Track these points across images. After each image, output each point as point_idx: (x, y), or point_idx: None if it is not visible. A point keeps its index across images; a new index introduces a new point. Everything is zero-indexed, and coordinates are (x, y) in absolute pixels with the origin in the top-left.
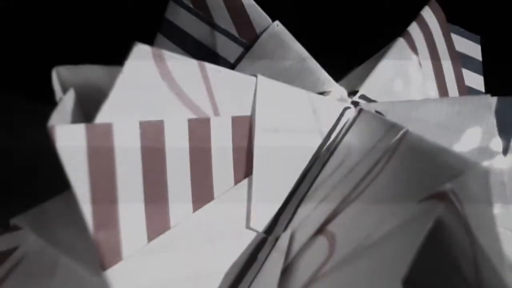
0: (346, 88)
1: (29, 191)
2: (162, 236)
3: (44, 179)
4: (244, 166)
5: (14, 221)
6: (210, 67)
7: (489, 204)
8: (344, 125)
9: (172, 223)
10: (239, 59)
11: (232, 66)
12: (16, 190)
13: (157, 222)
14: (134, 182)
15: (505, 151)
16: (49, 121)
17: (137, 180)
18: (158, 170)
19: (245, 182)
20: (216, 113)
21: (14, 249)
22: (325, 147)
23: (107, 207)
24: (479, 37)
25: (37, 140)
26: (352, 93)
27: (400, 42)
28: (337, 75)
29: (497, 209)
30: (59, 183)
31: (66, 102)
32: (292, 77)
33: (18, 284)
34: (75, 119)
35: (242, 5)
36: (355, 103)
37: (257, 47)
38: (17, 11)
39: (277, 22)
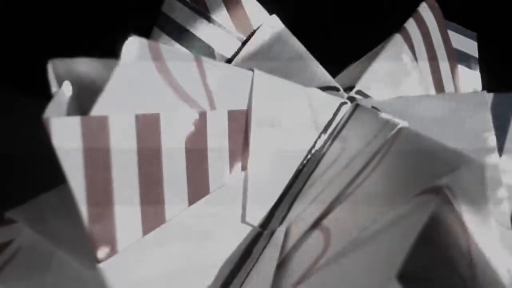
0: (342, 83)
1: (24, 183)
2: (157, 230)
3: (39, 172)
4: (240, 160)
5: (9, 214)
6: (206, 61)
7: (485, 199)
8: (340, 120)
9: (167, 216)
10: (235, 54)
11: (228, 61)
12: (12, 183)
13: (153, 215)
14: (130, 175)
15: (500, 147)
16: (44, 114)
17: (133, 173)
18: (154, 164)
19: (241, 176)
20: (213, 107)
21: (9, 243)
22: (321, 142)
23: (103, 200)
24: (475, 34)
25: (35, 134)
26: (348, 88)
27: (397, 38)
28: (335, 70)
29: (492, 205)
30: (54, 176)
31: (62, 94)
32: (289, 71)
33: (13, 277)
34: (71, 112)
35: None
36: (352, 99)
37: (253, 41)
38: (16, 6)
39: (274, 17)
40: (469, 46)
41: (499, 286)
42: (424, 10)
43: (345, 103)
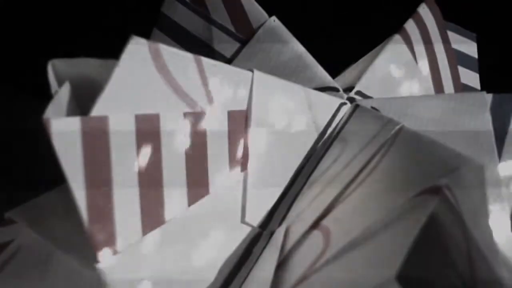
0: (342, 84)
1: (24, 183)
2: (156, 230)
3: (39, 172)
4: (240, 161)
5: (9, 214)
6: (206, 61)
7: (484, 199)
8: (340, 120)
9: (167, 216)
10: (235, 54)
11: (228, 61)
12: (12, 183)
13: (152, 215)
14: (129, 175)
15: (499, 148)
16: (44, 114)
17: (132, 174)
18: (153, 164)
19: (240, 176)
20: (212, 107)
21: (8, 243)
22: (320, 143)
23: (102, 201)
24: (475, 34)
25: (35, 134)
26: (348, 89)
27: (397, 38)
28: (334, 70)
29: (491, 205)
30: (54, 176)
31: (62, 95)
32: (289, 72)
33: (13, 277)
34: (70, 112)
35: (239, 0)
36: (351, 99)
37: (253, 42)
38: (17, 7)
39: (273, 18)
40: (469, 46)
41: (499, 286)
42: (423, 10)
43: (344, 103)
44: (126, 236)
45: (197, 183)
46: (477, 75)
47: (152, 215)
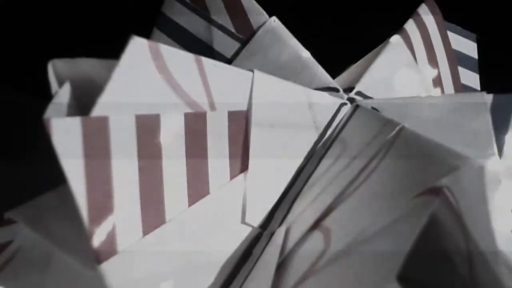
0: (342, 84)
1: (24, 183)
2: (157, 230)
3: (39, 172)
4: (240, 161)
5: (8, 214)
6: (206, 61)
7: (484, 200)
8: (340, 121)
9: (167, 216)
10: (235, 55)
11: (228, 61)
12: (12, 183)
13: (152, 215)
14: (130, 175)
15: (500, 148)
16: (44, 114)
17: (133, 174)
18: (153, 164)
19: (241, 177)
20: (212, 107)
21: (8, 243)
22: (321, 143)
23: (103, 201)
24: (475, 35)
25: (35, 134)
26: (348, 89)
27: (397, 39)
28: (334, 70)
29: (491, 205)
30: (54, 176)
31: (62, 95)
32: (289, 72)
33: (13, 278)
34: (71, 112)
35: (239, 1)
36: (351, 100)
37: (253, 42)
38: (17, 7)
39: (274, 18)
40: (469, 47)
41: (499, 286)
42: (423, 11)
43: (345, 104)
44: (126, 236)
45: (198, 183)
46: (477, 75)
47: (152, 215)
